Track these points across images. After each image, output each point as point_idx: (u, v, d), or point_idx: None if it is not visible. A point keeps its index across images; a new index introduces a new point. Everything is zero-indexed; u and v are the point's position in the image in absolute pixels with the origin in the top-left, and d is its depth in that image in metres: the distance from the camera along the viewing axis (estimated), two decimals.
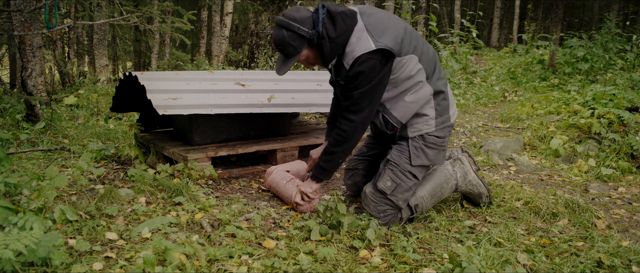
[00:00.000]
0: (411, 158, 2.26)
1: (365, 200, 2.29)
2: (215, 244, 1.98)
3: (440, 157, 2.34)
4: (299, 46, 2.10)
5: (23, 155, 3.23)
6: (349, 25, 2.09)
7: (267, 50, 10.85)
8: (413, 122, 2.27)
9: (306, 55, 2.16)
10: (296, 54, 2.12)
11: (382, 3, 12.39)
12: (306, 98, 3.23)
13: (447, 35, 8.46)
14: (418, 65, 2.15)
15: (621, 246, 2.06)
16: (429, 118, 2.25)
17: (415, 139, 2.27)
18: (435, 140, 2.28)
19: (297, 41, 2.08)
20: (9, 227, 1.70)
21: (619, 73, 7.10)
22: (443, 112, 2.29)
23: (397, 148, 2.30)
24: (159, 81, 2.91)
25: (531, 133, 4.31)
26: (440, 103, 2.27)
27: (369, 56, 2.03)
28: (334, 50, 2.12)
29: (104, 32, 8.36)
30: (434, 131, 2.27)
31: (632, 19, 15.18)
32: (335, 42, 2.09)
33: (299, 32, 2.06)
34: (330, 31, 2.07)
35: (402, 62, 2.11)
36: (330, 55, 2.13)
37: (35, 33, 4.09)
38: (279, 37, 2.09)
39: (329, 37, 2.08)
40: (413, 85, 2.17)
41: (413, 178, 2.27)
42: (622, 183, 3.16)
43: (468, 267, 1.76)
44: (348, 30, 2.09)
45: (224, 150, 2.99)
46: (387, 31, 2.08)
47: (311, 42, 2.09)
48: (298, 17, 2.07)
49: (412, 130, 2.27)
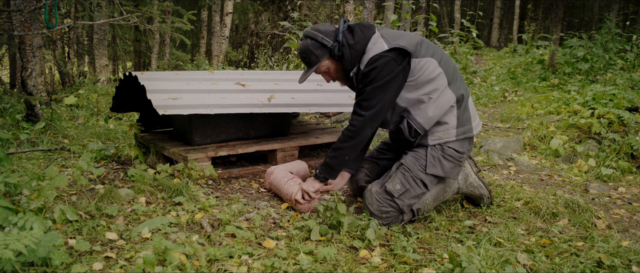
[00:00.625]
0: (427, 166, 2.26)
1: (369, 199, 2.27)
2: (215, 244, 1.98)
3: (455, 171, 2.34)
4: (321, 55, 2.25)
5: (23, 155, 3.23)
6: (367, 34, 2.23)
7: (267, 50, 10.85)
8: (434, 130, 2.28)
9: (327, 66, 2.29)
10: (317, 62, 2.26)
11: (382, 3, 12.39)
12: (306, 98, 3.23)
13: (447, 35, 8.47)
14: (438, 69, 2.20)
15: (621, 246, 2.06)
16: (450, 126, 2.26)
17: (434, 148, 2.28)
18: (454, 154, 2.28)
19: (320, 50, 2.24)
20: (9, 227, 1.70)
21: (619, 73, 7.10)
22: (465, 122, 2.29)
23: (413, 155, 2.30)
24: (159, 81, 2.91)
25: (531, 133, 4.31)
26: (462, 112, 2.28)
27: (383, 54, 2.14)
28: (354, 56, 2.23)
29: (104, 32, 8.36)
30: (454, 141, 2.27)
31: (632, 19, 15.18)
32: (354, 48, 2.22)
33: (322, 41, 2.23)
34: (349, 39, 2.23)
35: (420, 63, 2.18)
36: (351, 62, 2.24)
37: (35, 33, 4.09)
38: (304, 47, 2.27)
39: (348, 44, 2.22)
40: (435, 90, 2.20)
41: (423, 186, 2.26)
42: (622, 183, 3.16)
43: (468, 267, 1.76)
44: (366, 38, 2.22)
45: (224, 150, 2.99)
46: (402, 37, 2.21)
47: (332, 52, 2.23)
48: (322, 29, 2.26)
49: (433, 138, 2.28)
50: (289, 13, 12.22)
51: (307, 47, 2.25)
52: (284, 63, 8.38)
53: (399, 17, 7.45)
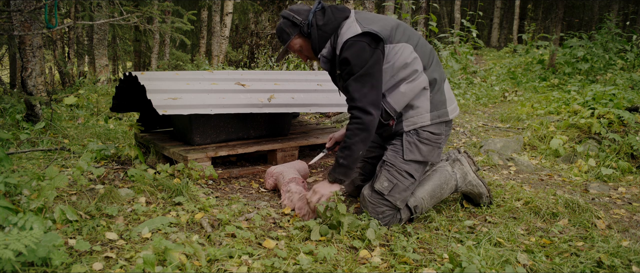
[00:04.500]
0: (404, 152, 2.26)
1: (364, 202, 2.29)
2: (215, 244, 1.98)
3: (434, 154, 2.32)
4: (292, 33, 2.32)
5: (23, 155, 3.23)
6: (338, 16, 2.27)
7: (267, 50, 10.85)
8: (407, 115, 2.27)
9: (299, 44, 2.35)
10: (288, 39, 2.33)
11: (382, 3, 12.39)
12: (306, 98, 3.23)
13: (447, 35, 8.46)
14: (413, 54, 2.21)
15: (621, 246, 2.06)
16: (423, 110, 2.25)
17: (409, 134, 2.28)
18: (430, 136, 2.27)
19: (290, 28, 2.32)
20: (9, 227, 1.70)
21: (619, 73, 7.10)
22: (439, 105, 2.28)
23: (392, 149, 2.31)
24: (159, 81, 2.91)
25: (531, 133, 4.31)
26: (435, 95, 2.27)
27: (357, 38, 2.15)
28: (321, 37, 2.27)
29: (104, 32, 8.36)
30: (428, 125, 2.27)
31: (632, 19, 15.18)
32: (322, 29, 2.26)
33: (292, 20, 2.30)
34: (319, 20, 2.28)
35: (395, 48, 2.19)
36: (318, 42, 2.29)
37: (35, 33, 4.09)
38: (278, 26, 2.36)
39: (317, 25, 2.27)
40: (410, 74, 2.21)
41: (409, 177, 2.26)
42: (622, 183, 3.16)
43: (468, 267, 1.76)
44: (336, 20, 2.26)
45: (224, 150, 2.99)
46: (377, 22, 2.22)
47: (302, 30, 2.30)
48: (296, 9, 2.34)
49: (407, 124, 2.27)
50: None
51: (280, 25, 2.34)
52: (284, 63, 8.38)
53: (399, 17, 7.45)
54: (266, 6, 13.51)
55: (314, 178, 3.12)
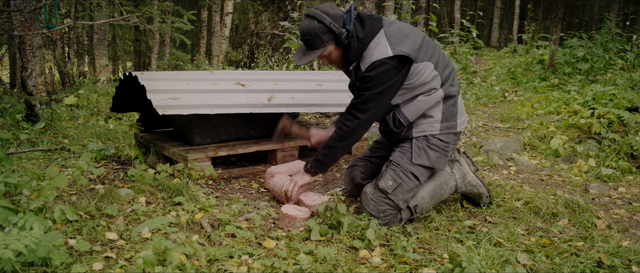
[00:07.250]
0: (412, 156, 2.28)
1: (366, 200, 2.29)
2: (215, 244, 1.98)
3: (441, 161, 2.35)
4: (327, 40, 2.15)
5: (23, 155, 3.23)
6: (376, 27, 2.17)
7: (267, 50, 10.85)
8: (418, 122, 2.31)
9: (330, 51, 2.20)
10: (322, 47, 2.16)
11: (382, 3, 12.39)
12: (306, 98, 3.23)
13: (447, 35, 8.46)
14: (434, 72, 2.22)
15: (621, 246, 2.06)
16: (435, 120, 2.29)
17: (419, 139, 2.31)
18: (439, 143, 2.31)
19: (327, 35, 2.13)
20: (9, 227, 1.70)
21: (619, 73, 7.10)
22: (450, 117, 2.31)
23: (399, 150, 2.34)
24: (159, 81, 2.91)
25: (531, 133, 4.31)
26: (449, 108, 2.30)
27: (385, 61, 2.11)
28: (360, 50, 2.18)
29: (104, 32, 8.36)
30: (438, 134, 2.30)
31: (632, 19, 15.18)
32: (363, 42, 2.17)
33: (330, 26, 2.11)
34: (359, 31, 2.16)
35: (418, 68, 2.18)
36: (356, 54, 2.19)
37: (35, 33, 4.09)
38: (310, 28, 2.13)
39: (357, 37, 2.16)
40: (428, 90, 2.24)
41: (414, 179, 2.28)
42: (622, 183, 3.16)
43: (468, 267, 1.76)
44: (374, 32, 2.17)
45: (224, 150, 2.99)
46: (406, 39, 2.16)
47: (338, 39, 2.14)
48: (331, 13, 2.13)
49: (417, 131, 2.31)
50: (289, 13, 12.22)
51: (313, 29, 2.11)
52: (284, 63, 8.38)
53: (399, 17, 7.45)
54: (266, 6, 13.51)
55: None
